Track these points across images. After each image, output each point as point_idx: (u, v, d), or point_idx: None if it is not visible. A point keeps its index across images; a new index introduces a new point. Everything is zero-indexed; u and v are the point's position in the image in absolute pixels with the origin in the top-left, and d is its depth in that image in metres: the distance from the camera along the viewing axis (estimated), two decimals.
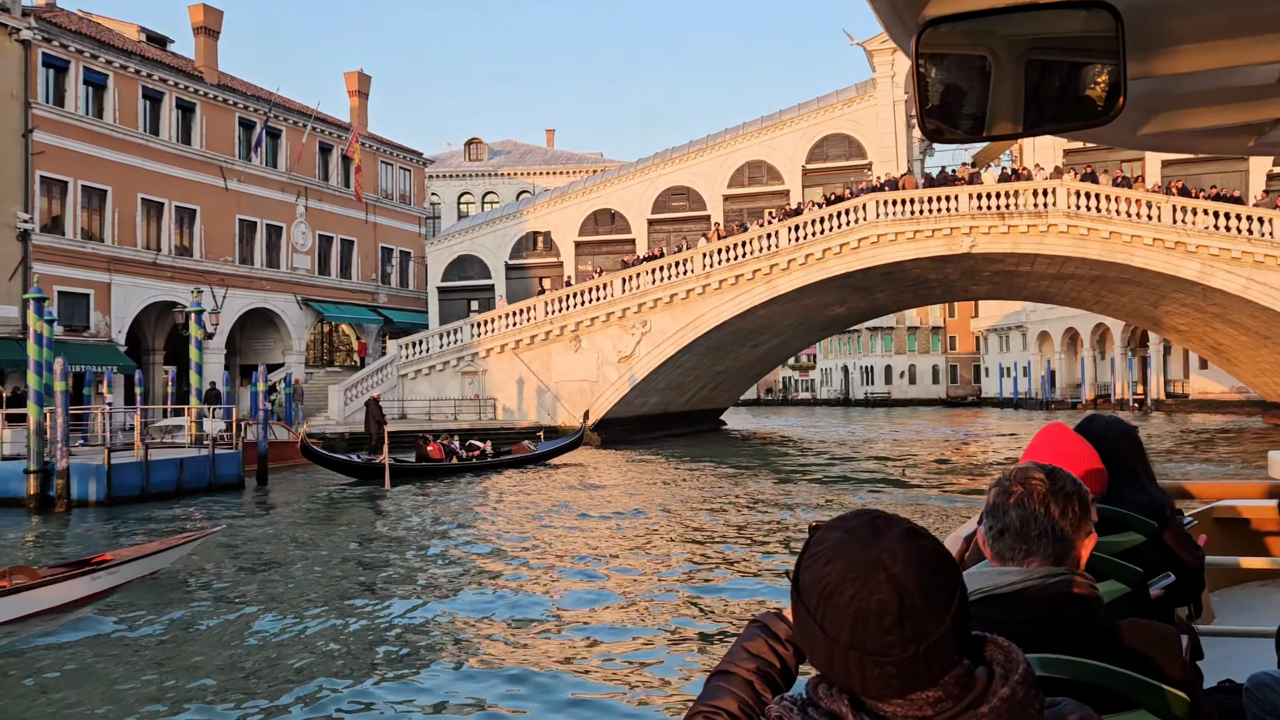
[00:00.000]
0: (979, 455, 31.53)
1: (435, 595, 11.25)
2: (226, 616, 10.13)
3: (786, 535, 14.91)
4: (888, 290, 40.42)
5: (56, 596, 9.60)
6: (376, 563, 13.53)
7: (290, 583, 12.11)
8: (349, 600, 10.96)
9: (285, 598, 11.15)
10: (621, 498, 20.13)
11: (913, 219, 33.50)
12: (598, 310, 36.76)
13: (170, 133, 34.74)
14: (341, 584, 12.04)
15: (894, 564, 1.12)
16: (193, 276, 35.14)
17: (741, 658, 1.46)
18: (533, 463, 27.73)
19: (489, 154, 64.86)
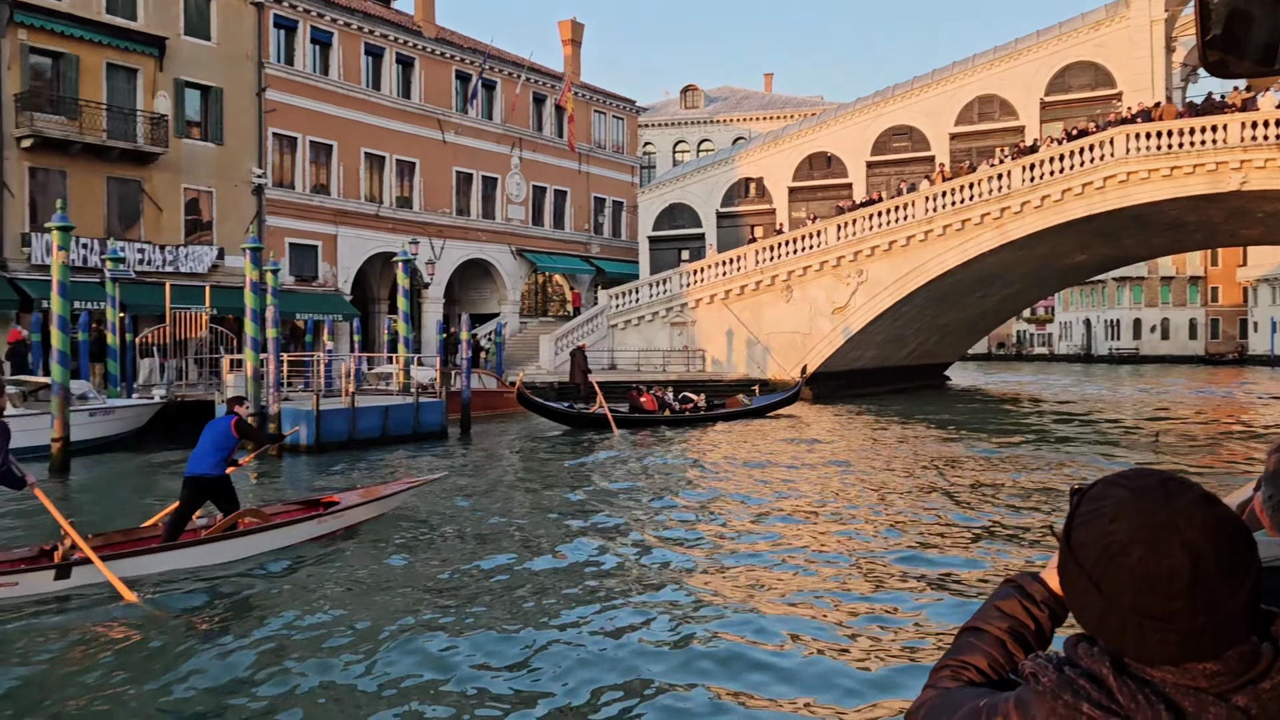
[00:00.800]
0: (1248, 418, 27.83)
1: (666, 544, 10.74)
2: (454, 558, 10.05)
3: (1019, 502, 13.29)
4: (1137, 235, 36.40)
5: (286, 538, 9.93)
6: (594, 508, 13.06)
7: (514, 528, 11.84)
8: (570, 543, 10.76)
9: (507, 541, 10.96)
10: (840, 455, 18.93)
11: (1170, 154, 29.72)
12: (810, 259, 35.10)
13: (391, 87, 35.69)
14: (562, 528, 11.77)
15: (1189, 529, 1.09)
16: (412, 228, 36.14)
17: (994, 615, 1.41)
18: (747, 417, 26.90)
19: (705, 101, 63.65)
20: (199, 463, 9.44)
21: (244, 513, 9.82)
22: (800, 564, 9.76)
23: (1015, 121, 36.16)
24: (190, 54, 29.16)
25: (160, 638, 7.51)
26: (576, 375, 28.53)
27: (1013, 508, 12.81)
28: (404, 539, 10.98)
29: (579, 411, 24.80)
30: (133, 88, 27.78)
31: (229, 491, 9.71)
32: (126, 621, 7.83)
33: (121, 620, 7.86)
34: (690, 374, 36.30)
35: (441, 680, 6.53)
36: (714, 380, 35.36)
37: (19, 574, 8.15)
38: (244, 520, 9.72)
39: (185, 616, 8.05)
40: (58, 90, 26.23)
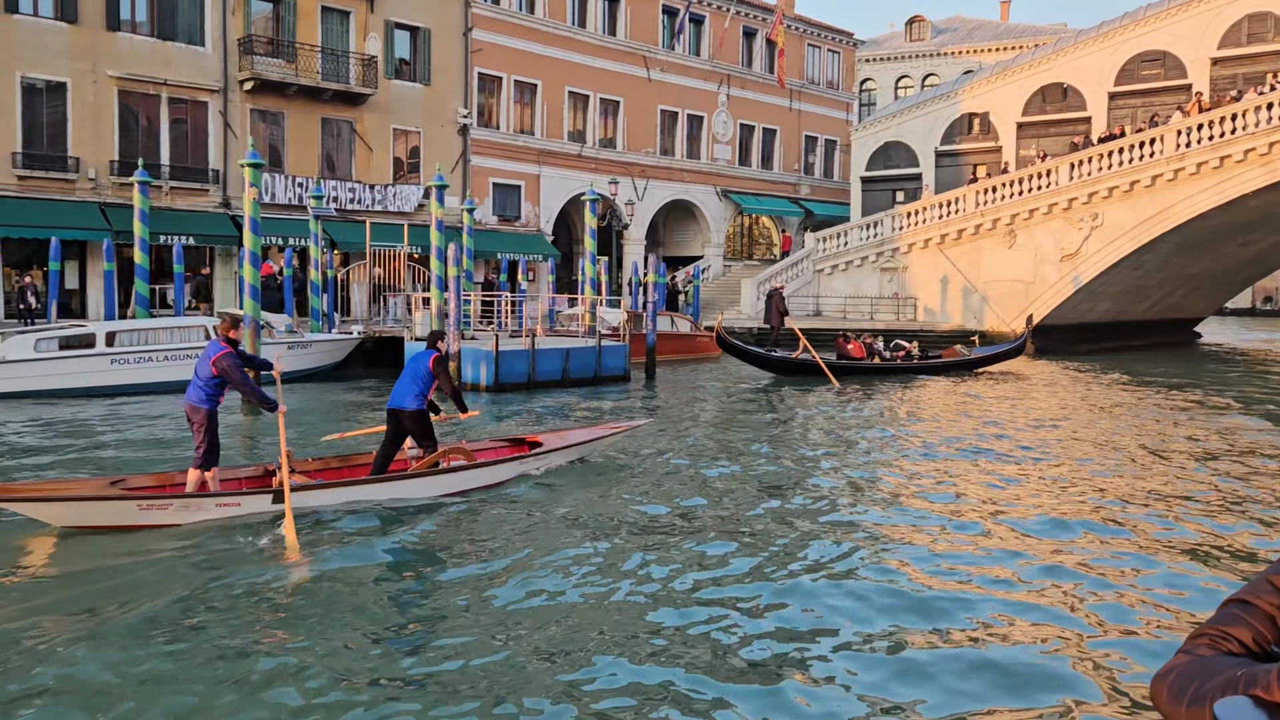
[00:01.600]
0: None
1: (881, 509, 9.86)
2: (653, 505, 9.74)
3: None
4: None
5: (489, 476, 9.96)
6: (795, 464, 12.27)
7: (716, 476, 11.34)
8: (778, 498, 10.19)
9: (701, 493, 10.44)
10: (1074, 418, 17.01)
11: None
12: (1038, 201, 32.09)
13: (596, 24, 35.17)
14: (766, 477, 11.18)
15: None
16: (615, 168, 35.75)
17: (1266, 590, 1.38)
18: (964, 369, 25.13)
19: (932, 33, 59.76)
20: (399, 396, 9.50)
21: (449, 449, 9.90)
22: (1028, 541, 8.62)
23: None
24: None
25: (356, 575, 7.55)
26: (773, 318, 27.33)
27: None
28: (602, 483, 10.76)
29: (783, 357, 23.63)
30: (345, 30, 28.52)
31: (426, 427, 9.64)
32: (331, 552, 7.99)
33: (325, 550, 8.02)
34: (900, 323, 34.30)
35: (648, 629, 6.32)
36: (925, 330, 33.24)
37: (242, 495, 8.62)
38: (450, 456, 9.79)
39: (382, 554, 8.06)
40: (277, 33, 27.24)
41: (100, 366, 16.96)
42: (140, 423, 14.73)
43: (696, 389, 21.40)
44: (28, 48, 23.37)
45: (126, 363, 17.26)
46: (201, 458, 8.61)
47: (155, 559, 7.63)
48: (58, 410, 15.62)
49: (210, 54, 26.03)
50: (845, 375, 23.14)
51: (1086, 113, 35.35)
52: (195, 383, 8.57)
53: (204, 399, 8.52)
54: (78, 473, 10.80)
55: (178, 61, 25.50)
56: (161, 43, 25.27)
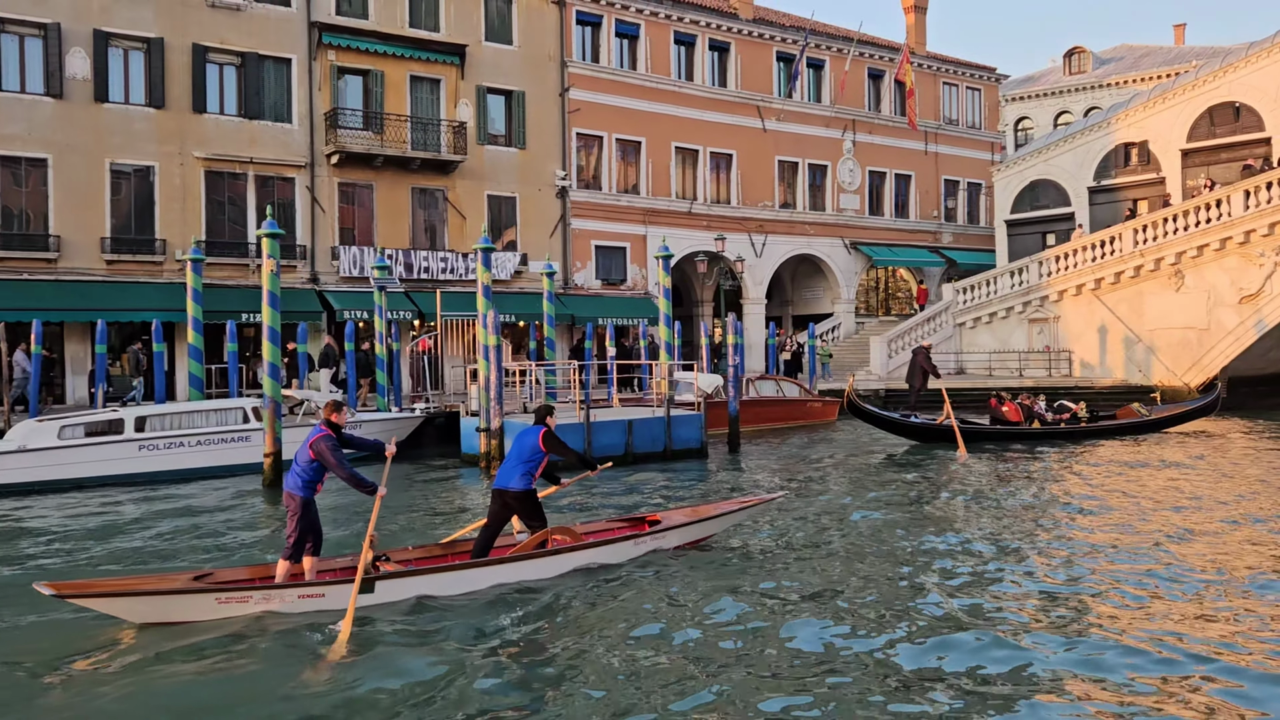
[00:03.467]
0: None
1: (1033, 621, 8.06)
2: (779, 595, 8.84)
3: None
4: None
5: (598, 557, 9.44)
6: (939, 551, 10.54)
7: (835, 566, 10.08)
8: (910, 598, 8.77)
9: (832, 586, 9.23)
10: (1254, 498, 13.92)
11: None
12: (1208, 235, 28.09)
13: (704, 76, 33.64)
14: (898, 573, 9.69)
15: None
16: (729, 224, 33.84)
17: None
18: (1142, 431, 21.97)
19: (1094, 64, 55.39)
20: (505, 476, 9.21)
21: (555, 530, 9.45)
22: None
23: None
24: (492, 59, 28.99)
25: (444, 656, 7.28)
26: (915, 378, 24.54)
27: None
28: (726, 566, 9.86)
29: (924, 423, 21.07)
30: (435, 98, 28.04)
31: (534, 506, 9.32)
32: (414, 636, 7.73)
33: (408, 634, 7.75)
34: (1054, 379, 30.70)
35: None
36: (1083, 386, 29.55)
37: (326, 585, 8.22)
38: (554, 538, 9.37)
39: (475, 639, 7.71)
40: (365, 105, 26.97)
41: (127, 453, 16.26)
42: (171, 514, 13.82)
43: (794, 460, 19.02)
44: (117, 134, 23.75)
45: (156, 449, 16.51)
46: (291, 547, 8.30)
47: (200, 655, 7.29)
48: (89, 500, 14.96)
49: (297, 130, 25.92)
50: (1001, 442, 20.61)
51: (1265, 133, 30.99)
52: (294, 468, 8.31)
53: (299, 486, 8.24)
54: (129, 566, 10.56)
55: (263, 139, 25.48)
56: (247, 121, 25.31)
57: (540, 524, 9.34)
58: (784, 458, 19.54)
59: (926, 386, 24.15)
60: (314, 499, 8.39)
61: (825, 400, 26.44)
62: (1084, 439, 21.16)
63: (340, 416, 8.46)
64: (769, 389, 25.16)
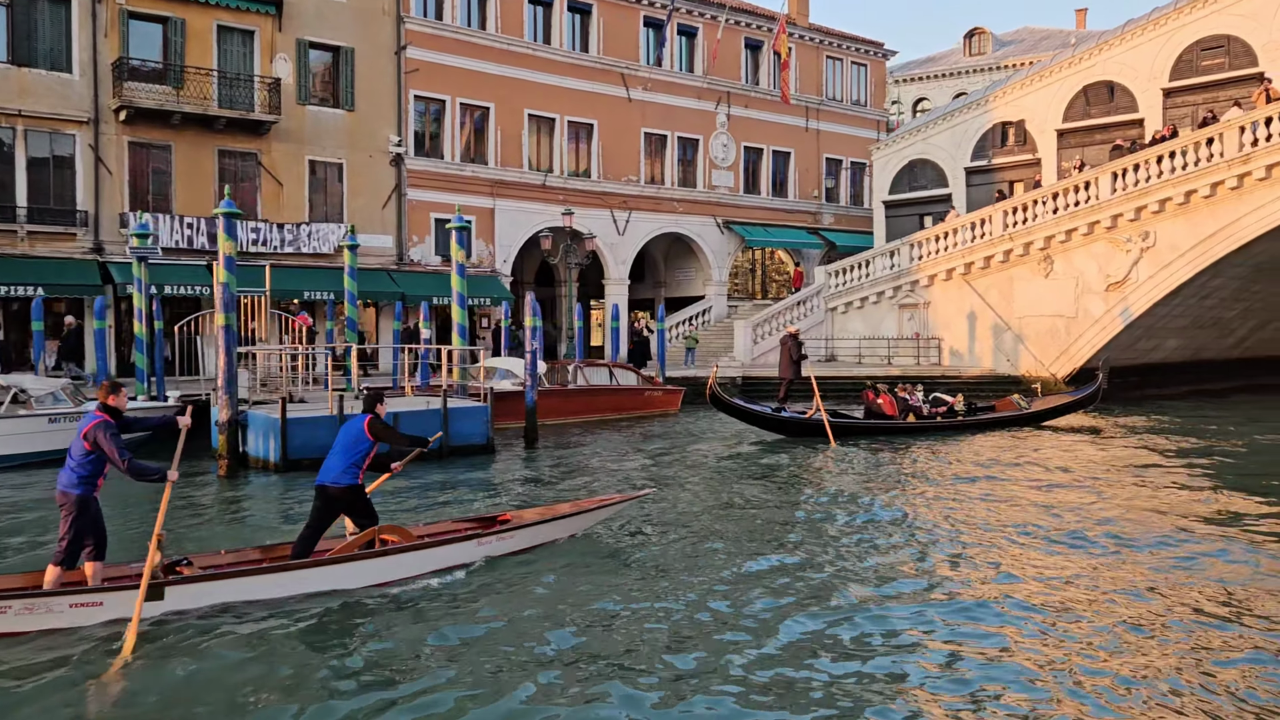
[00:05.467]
0: None
1: None
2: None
3: None
4: None
5: (434, 560, 8.64)
6: (795, 570, 9.18)
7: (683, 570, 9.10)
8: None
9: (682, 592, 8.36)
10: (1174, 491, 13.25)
11: None
12: (1075, 219, 26.80)
13: (562, 39, 31.41)
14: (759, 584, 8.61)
15: None
16: (589, 198, 31.78)
17: None
18: (1020, 425, 20.85)
19: (994, 45, 54.39)
20: (328, 469, 8.53)
21: (384, 529, 8.68)
22: None
23: None
24: (315, 10, 26.43)
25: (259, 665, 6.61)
26: (784, 367, 22.74)
27: None
28: (577, 567, 9.11)
29: (792, 417, 19.40)
30: (248, 51, 25.43)
31: (362, 502, 8.63)
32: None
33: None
34: (921, 367, 29.32)
35: None
36: (950, 376, 28.15)
37: (104, 593, 7.29)
38: (383, 538, 8.61)
39: (294, 645, 7.02)
40: (164, 57, 24.27)
41: None
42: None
43: (608, 457, 17.08)
44: None
45: None
46: (64, 551, 7.32)
47: None
48: None
49: (78, 80, 23.15)
50: (874, 436, 19.21)
51: (1138, 114, 29.80)
52: (68, 462, 7.33)
53: (74, 482, 7.26)
54: None
55: (37, 89, 22.67)
56: (16, 69, 22.48)
57: (370, 521, 8.65)
58: (596, 454, 17.58)
59: (799, 376, 22.46)
60: (95, 496, 7.40)
61: (667, 389, 24.56)
62: (962, 433, 19.94)
63: (119, 398, 7.45)
64: (601, 376, 23.17)
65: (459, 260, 18.18)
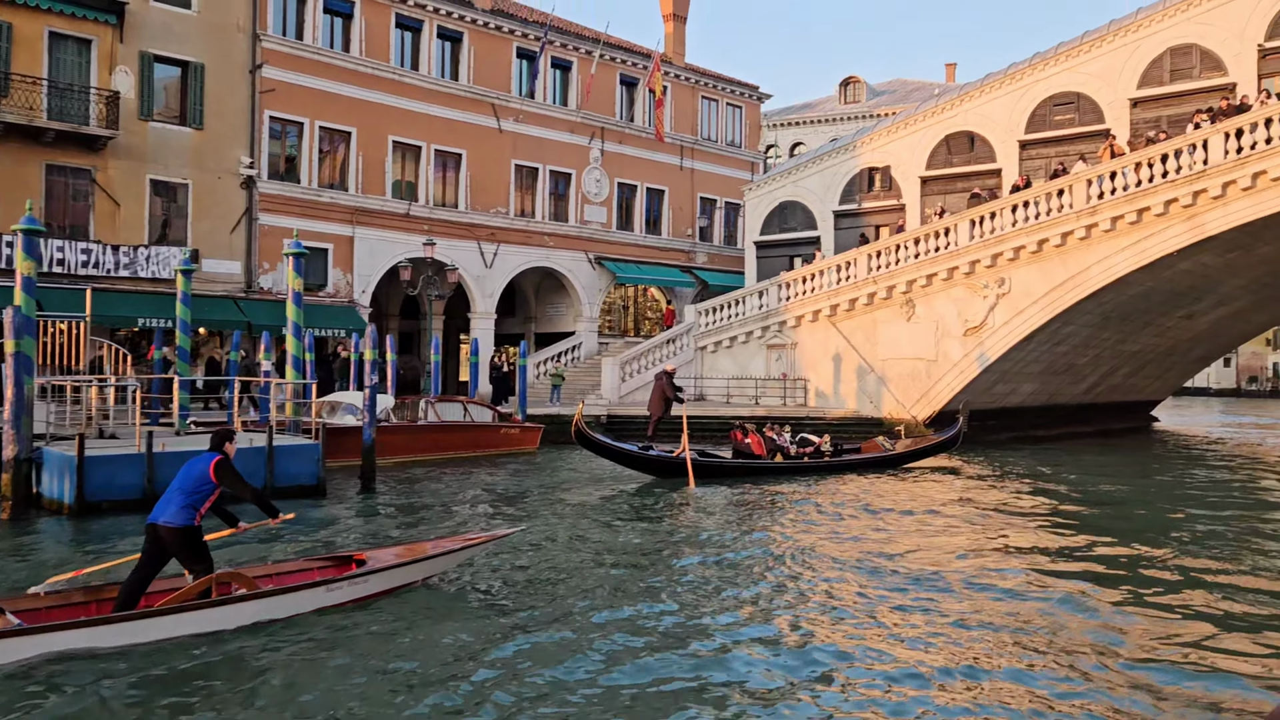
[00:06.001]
0: None
1: None
2: None
3: None
4: None
5: (278, 609, 8.05)
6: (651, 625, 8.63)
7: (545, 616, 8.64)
8: None
9: None
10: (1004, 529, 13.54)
11: None
12: (936, 264, 27.23)
13: (431, 66, 30.63)
14: None
15: None
16: (455, 229, 30.93)
17: None
18: (884, 467, 20.94)
19: (868, 95, 55.78)
20: (162, 507, 7.87)
21: (223, 575, 8.08)
22: None
23: (1222, 78, 26.78)
24: (162, 22, 25.06)
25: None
26: (655, 404, 22.17)
27: None
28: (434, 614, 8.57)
29: (659, 456, 18.84)
30: (84, 61, 23.88)
31: (196, 547, 7.92)
32: None
33: None
34: (788, 407, 29.23)
35: None
36: (815, 417, 28.12)
37: None
38: (223, 584, 7.98)
39: None
40: None
41: None
42: None
43: (456, 498, 16.19)
44: None
45: None
46: None
47: None
48: None
49: None
50: (742, 476, 18.92)
51: (996, 164, 30.63)
52: None
53: None
54: None
55: None
56: None
57: (204, 568, 7.97)
58: (441, 495, 16.66)
59: (669, 414, 21.94)
60: None
61: (524, 427, 23.81)
62: (828, 474, 19.92)
63: None
64: (454, 413, 22.29)
65: (295, 288, 17.13)
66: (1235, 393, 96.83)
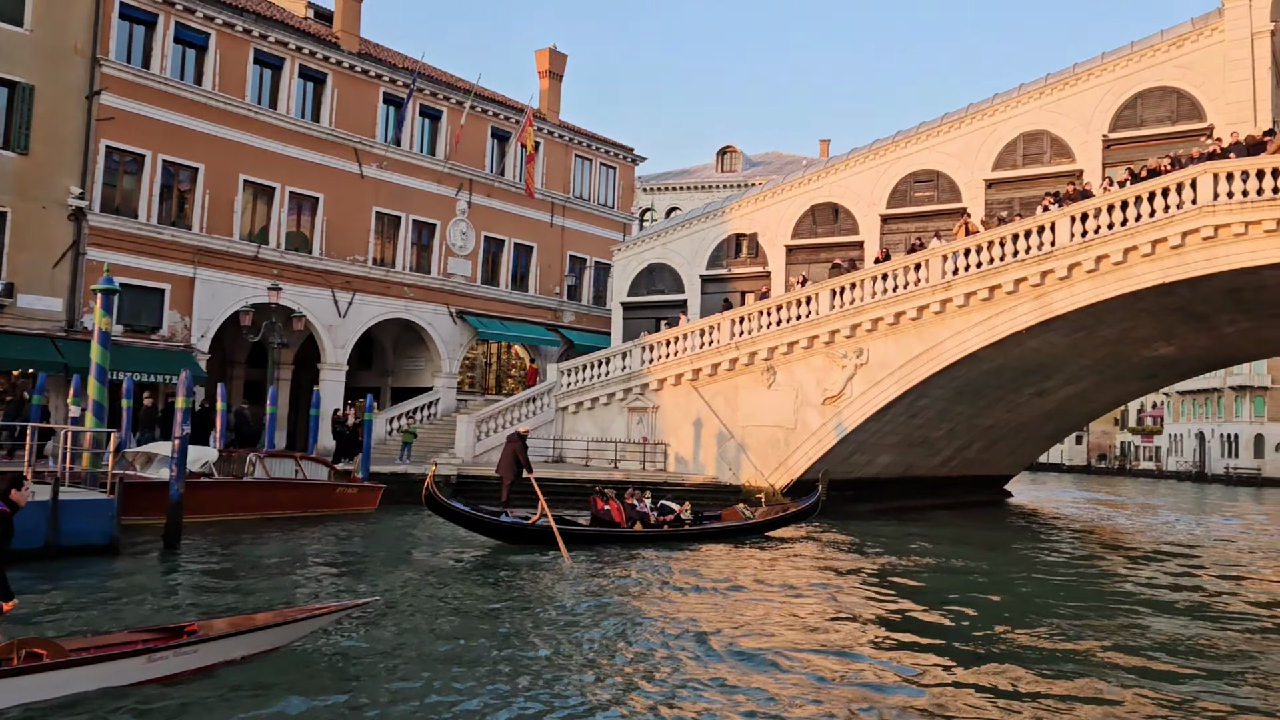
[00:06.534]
0: None
1: None
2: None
3: None
4: (1238, 320, 27.41)
5: (92, 680, 7.11)
6: None
7: None
8: None
9: None
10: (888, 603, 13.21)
11: (1276, 200, 21.15)
12: (797, 333, 27.20)
13: (290, 105, 29.46)
14: None
15: None
16: (308, 276, 29.58)
17: None
18: (745, 535, 20.39)
19: (744, 164, 56.69)
20: None
21: (26, 642, 7.19)
22: None
23: (1070, 165, 27.83)
24: None
25: None
26: (505, 467, 20.83)
27: None
28: None
29: (514, 523, 17.82)
30: None
31: None
32: None
33: None
34: (647, 472, 28.57)
35: None
36: (673, 483, 27.49)
37: None
38: (28, 652, 7.10)
39: None
40: None
41: None
42: None
43: (274, 563, 14.81)
44: None
45: None
46: None
47: None
48: None
49: None
50: (601, 545, 18.06)
51: (859, 236, 31.07)
52: None
53: None
54: None
55: None
56: None
57: None
58: (258, 559, 15.29)
59: (521, 478, 20.78)
60: None
61: (362, 486, 22.50)
62: (688, 542, 19.31)
63: None
64: (285, 469, 20.86)
65: (103, 327, 15.71)
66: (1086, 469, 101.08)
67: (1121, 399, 41.72)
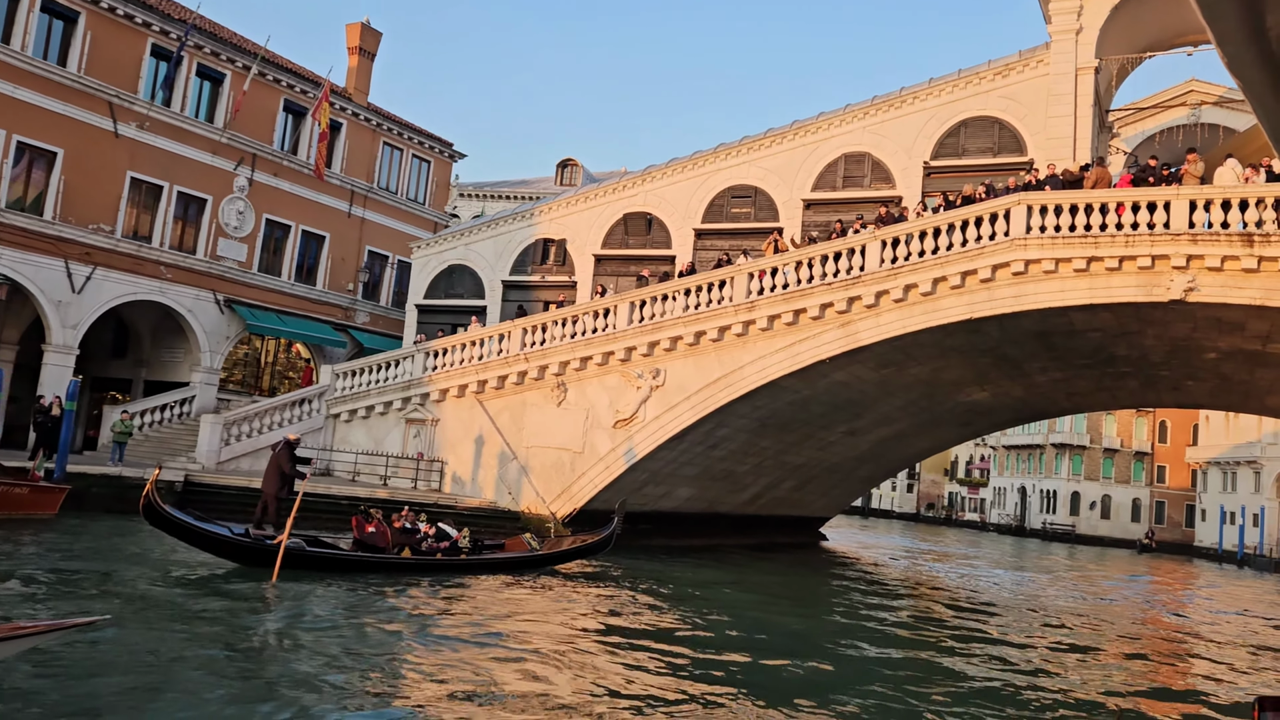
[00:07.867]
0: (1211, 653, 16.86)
1: None
2: None
3: None
4: (1048, 367, 26.36)
5: None
6: None
7: None
8: None
9: None
10: None
11: (1088, 238, 19.88)
12: (592, 347, 24.73)
13: (29, 43, 25.36)
14: None
15: None
16: (38, 242, 25.39)
17: None
18: (531, 567, 18.59)
19: (584, 179, 54.31)
20: None
21: None
22: None
23: (890, 190, 26.36)
24: None
25: None
26: (270, 480, 17.39)
27: None
28: None
29: (250, 542, 15.05)
30: None
31: None
32: None
33: None
34: (420, 492, 25.56)
35: None
36: (445, 505, 24.47)
37: None
38: None
39: None
40: None
41: None
42: None
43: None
44: None
45: None
46: None
47: None
48: None
49: None
50: (361, 573, 15.41)
51: (671, 251, 28.92)
52: None
53: None
54: None
55: None
56: None
57: None
58: None
59: (290, 493, 17.35)
60: None
61: (38, 487, 18.71)
62: (463, 573, 17.01)
63: None
64: None
65: None
66: (915, 517, 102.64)
67: (938, 445, 40.91)
